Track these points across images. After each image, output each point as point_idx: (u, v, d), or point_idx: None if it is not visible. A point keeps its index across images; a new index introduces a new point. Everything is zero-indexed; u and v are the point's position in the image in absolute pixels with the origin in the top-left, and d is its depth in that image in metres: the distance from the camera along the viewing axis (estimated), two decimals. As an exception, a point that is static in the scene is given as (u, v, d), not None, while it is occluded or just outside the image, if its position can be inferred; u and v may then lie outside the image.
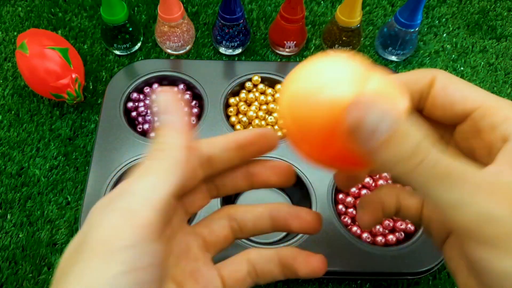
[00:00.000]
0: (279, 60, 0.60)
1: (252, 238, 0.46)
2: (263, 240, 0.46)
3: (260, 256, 0.26)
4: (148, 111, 0.53)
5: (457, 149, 0.25)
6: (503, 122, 0.22)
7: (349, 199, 0.47)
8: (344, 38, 0.57)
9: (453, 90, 0.24)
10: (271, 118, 0.52)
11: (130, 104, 0.53)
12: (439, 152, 0.19)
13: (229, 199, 0.49)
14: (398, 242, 0.46)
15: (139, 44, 0.59)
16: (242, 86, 0.55)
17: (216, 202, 0.46)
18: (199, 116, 0.53)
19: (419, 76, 0.24)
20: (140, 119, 0.52)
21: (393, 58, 0.60)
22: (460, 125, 0.24)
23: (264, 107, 0.53)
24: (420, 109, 0.25)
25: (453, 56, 0.61)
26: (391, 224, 0.46)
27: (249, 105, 0.54)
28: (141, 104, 0.53)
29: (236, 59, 0.60)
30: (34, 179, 0.50)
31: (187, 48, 0.59)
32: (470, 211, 0.19)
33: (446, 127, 0.25)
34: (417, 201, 0.27)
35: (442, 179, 0.19)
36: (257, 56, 0.60)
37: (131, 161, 0.48)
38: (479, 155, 0.23)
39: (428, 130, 0.20)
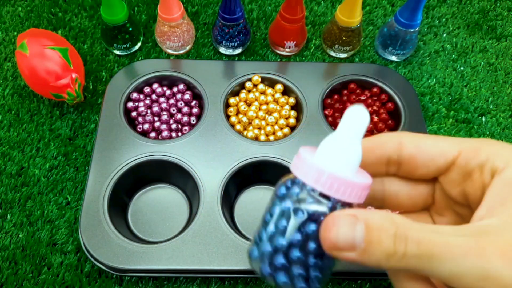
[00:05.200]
0: (279, 60, 0.60)
1: (251, 238, 0.46)
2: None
3: None
4: (148, 111, 0.53)
5: (445, 197, 0.26)
6: (487, 160, 0.22)
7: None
8: (344, 38, 0.57)
9: (427, 146, 0.24)
10: (271, 118, 0.52)
11: (130, 104, 0.53)
12: (417, 233, 0.20)
13: (229, 199, 0.49)
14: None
15: (139, 44, 0.59)
16: (242, 86, 0.55)
17: (216, 202, 0.46)
18: (199, 116, 0.53)
19: (385, 140, 0.25)
20: (140, 119, 0.52)
21: (393, 58, 0.60)
22: (445, 175, 0.25)
23: (264, 107, 0.53)
24: (392, 172, 0.26)
25: (453, 56, 0.61)
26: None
27: (249, 105, 0.54)
28: (141, 104, 0.53)
29: (236, 59, 0.60)
30: (34, 179, 0.50)
31: (187, 48, 0.59)
32: (469, 280, 0.19)
33: (426, 180, 0.26)
34: None
35: (430, 258, 0.19)
36: (257, 56, 0.60)
37: (131, 161, 0.48)
38: (474, 197, 0.23)
39: (396, 216, 0.20)
